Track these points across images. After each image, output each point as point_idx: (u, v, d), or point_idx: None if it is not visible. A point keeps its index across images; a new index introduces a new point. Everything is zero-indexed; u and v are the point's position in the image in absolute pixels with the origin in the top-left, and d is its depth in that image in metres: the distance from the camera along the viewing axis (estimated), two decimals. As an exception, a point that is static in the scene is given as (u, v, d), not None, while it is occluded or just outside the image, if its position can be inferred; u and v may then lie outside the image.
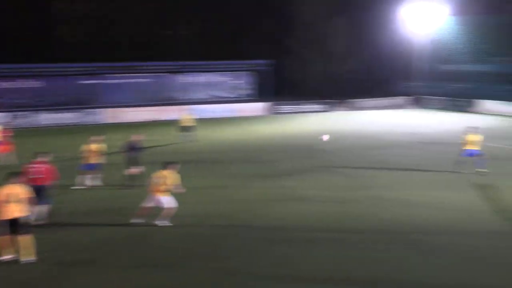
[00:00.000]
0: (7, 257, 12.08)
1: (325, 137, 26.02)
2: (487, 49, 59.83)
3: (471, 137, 21.44)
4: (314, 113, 45.83)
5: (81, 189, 18.97)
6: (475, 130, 21.71)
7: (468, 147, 21.34)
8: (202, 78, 50.49)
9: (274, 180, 20.48)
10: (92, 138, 19.60)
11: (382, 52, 62.96)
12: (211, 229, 14.58)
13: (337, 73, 64.16)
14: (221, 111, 44.00)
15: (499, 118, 41.60)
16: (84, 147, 19.45)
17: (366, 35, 62.20)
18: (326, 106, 47.37)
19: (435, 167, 22.59)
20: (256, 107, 45.79)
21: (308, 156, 25.47)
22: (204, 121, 36.91)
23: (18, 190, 12.12)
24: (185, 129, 30.57)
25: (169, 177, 14.54)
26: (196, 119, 31.75)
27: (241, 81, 51.90)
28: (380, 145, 28.82)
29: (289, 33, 63.93)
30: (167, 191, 14.59)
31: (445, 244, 13.26)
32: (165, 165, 14.82)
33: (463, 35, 57.04)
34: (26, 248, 11.96)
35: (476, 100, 47.31)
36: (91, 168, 19.30)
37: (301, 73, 63.77)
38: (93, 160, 19.23)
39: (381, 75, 65.68)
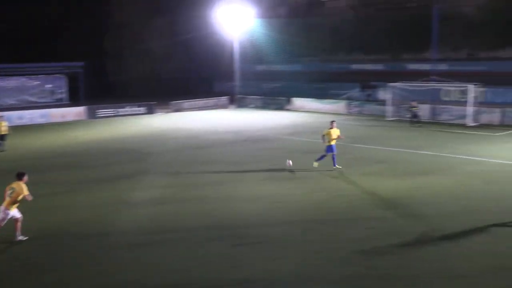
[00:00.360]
0: None
1: (289, 163, 23.23)
2: (295, 50, 64.45)
3: (334, 132, 22.34)
4: (136, 116, 45.51)
5: None
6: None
7: (332, 143, 22.26)
8: (12, 82, 47.21)
9: (103, 185, 20.20)
10: None
11: (201, 53, 64.47)
12: (48, 239, 14.06)
13: (159, 74, 64.30)
14: (35, 117, 41.59)
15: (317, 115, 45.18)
16: None
17: (186, 36, 63.21)
18: (148, 108, 47.20)
19: (258, 163, 24.07)
20: (74, 112, 43.96)
21: (135, 159, 25.48)
22: (17, 129, 34.72)
23: None
24: (-2, 137, 28.51)
25: (18, 188, 13.87)
26: (9, 126, 29.77)
27: (55, 85, 49.50)
28: (204, 144, 29.77)
29: (106, 34, 62.51)
30: (15, 203, 13.91)
31: (273, 236, 14.38)
32: (19, 176, 14.05)
33: (273, 37, 60.76)
34: None
35: (289, 98, 50.77)
36: None
37: (120, 75, 62.73)
38: None
39: (202, 75, 67.24)
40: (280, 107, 50.02)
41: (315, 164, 22.75)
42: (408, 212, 16.18)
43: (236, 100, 54.09)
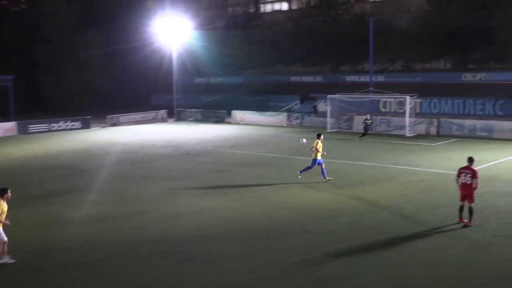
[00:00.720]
0: None
1: (304, 140, 25.48)
2: (235, 62, 64.78)
3: (319, 145, 22.08)
4: (71, 131, 44.38)
5: None
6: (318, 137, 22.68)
7: (319, 156, 22.08)
8: None
9: (38, 202, 19.49)
10: None
11: (139, 65, 63.78)
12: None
13: (95, 87, 63.07)
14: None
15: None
16: None
17: (123, 47, 62.38)
18: (84, 122, 46.12)
19: (198, 177, 23.90)
20: (4, 128, 42.37)
21: (71, 175, 24.77)
22: None
23: None
24: None
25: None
26: None
27: None
28: (143, 159, 29.31)
29: (37, 45, 60.84)
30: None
31: (215, 250, 14.21)
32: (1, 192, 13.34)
33: (212, 49, 60.84)
34: None
35: (229, 111, 50.81)
36: None
37: (54, 88, 61.12)
38: None
39: (140, 88, 66.46)
40: (220, 120, 49.97)
41: (299, 175, 22.77)
42: (349, 223, 16.38)
43: (175, 113, 53.69)
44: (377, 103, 46.29)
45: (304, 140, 25.76)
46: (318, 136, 22.85)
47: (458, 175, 15.88)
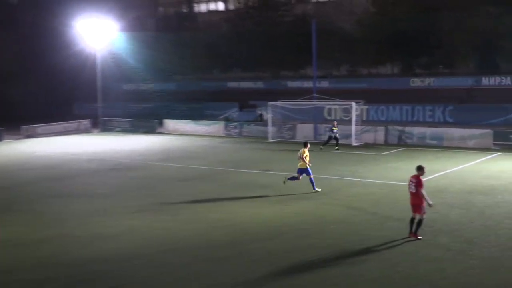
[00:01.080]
0: None
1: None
2: (167, 67, 64.44)
3: (305, 154, 22.68)
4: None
5: None
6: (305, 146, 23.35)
7: (306, 166, 22.61)
8: None
9: None
10: None
11: (59, 71, 62.33)
12: None
13: (7, 96, 61.10)
14: None
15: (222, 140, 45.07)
16: None
17: (38, 52, 60.84)
18: (-5, 134, 44.69)
19: (127, 194, 23.50)
20: None
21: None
22: None
23: None
24: None
25: None
26: None
27: None
28: (65, 175, 28.61)
29: None
30: None
31: (145, 276, 13.97)
32: None
33: (141, 53, 60.26)
34: None
35: (161, 120, 50.39)
36: None
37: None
38: None
39: (60, 96, 64.88)
40: (151, 130, 49.48)
41: (285, 181, 23.52)
42: (293, 240, 16.47)
43: (100, 124, 52.77)
44: (321, 111, 47.01)
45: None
46: (305, 145, 23.45)
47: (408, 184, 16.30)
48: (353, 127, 38.53)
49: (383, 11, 62.36)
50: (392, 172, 27.56)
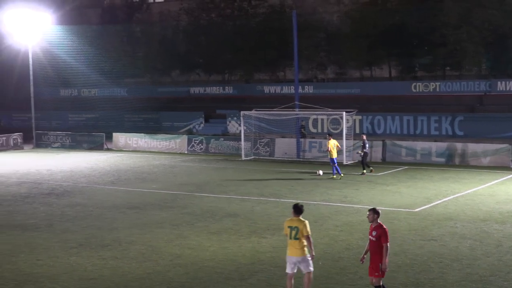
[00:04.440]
0: None
1: (320, 172, 33.75)
2: (115, 68, 64.19)
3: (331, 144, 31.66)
4: None
5: None
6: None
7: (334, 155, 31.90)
8: None
9: None
10: None
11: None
12: None
13: None
14: None
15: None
16: None
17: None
18: None
19: (66, 225, 23.24)
20: None
21: None
22: None
23: None
24: None
25: None
26: None
27: None
28: (-13, 202, 28.28)
29: None
30: None
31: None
32: None
33: (82, 51, 59.88)
34: None
35: (109, 134, 50.07)
36: None
37: None
38: None
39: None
40: (96, 147, 49.17)
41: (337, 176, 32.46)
42: (268, 281, 16.42)
43: (34, 138, 52.27)
44: (305, 122, 47.19)
45: (321, 172, 33.76)
46: (330, 136, 33.68)
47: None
48: (344, 141, 38.63)
49: (377, 1, 62.97)
50: (391, 196, 27.69)
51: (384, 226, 14.27)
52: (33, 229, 22.81)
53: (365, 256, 14.69)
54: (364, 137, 35.59)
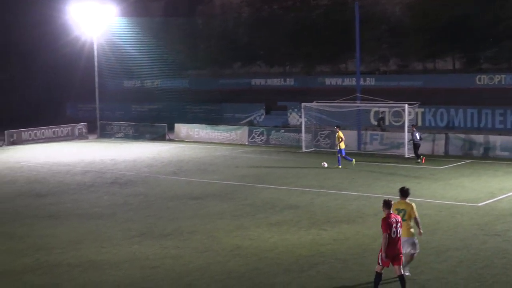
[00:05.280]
0: None
1: (325, 164, 34.15)
2: (177, 60, 64.77)
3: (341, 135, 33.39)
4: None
5: None
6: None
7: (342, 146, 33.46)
8: None
9: None
10: None
11: (47, 66, 62.91)
12: None
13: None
14: None
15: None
16: None
17: (18, 41, 61.36)
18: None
19: (130, 214, 23.61)
20: None
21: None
22: None
23: None
24: None
25: None
26: None
27: None
28: (53, 190, 28.84)
29: None
30: None
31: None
32: None
33: (146, 43, 60.56)
34: None
35: (171, 125, 50.54)
36: None
37: None
38: None
39: (49, 95, 65.51)
40: (158, 137, 49.72)
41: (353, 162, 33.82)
42: (328, 273, 16.37)
43: (98, 128, 53.17)
44: (366, 114, 46.79)
45: (326, 164, 34.07)
46: (338, 128, 35.06)
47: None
48: (406, 134, 38.24)
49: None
50: (453, 190, 27.27)
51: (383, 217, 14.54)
52: (97, 218, 23.24)
53: None
54: (414, 128, 35.94)
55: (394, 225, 14.32)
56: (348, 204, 24.80)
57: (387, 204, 14.76)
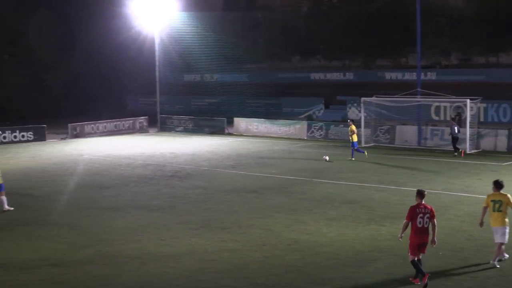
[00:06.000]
0: None
1: (326, 158, 34.95)
2: (236, 54, 64.90)
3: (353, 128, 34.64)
4: (20, 144, 44.43)
5: None
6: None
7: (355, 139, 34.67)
8: None
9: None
10: None
11: (109, 59, 63.74)
12: None
13: (48, 87, 63.19)
14: None
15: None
16: None
17: (83, 36, 62.25)
18: (37, 133, 46.17)
19: (189, 207, 23.84)
20: None
21: (16, 204, 24.64)
22: None
23: None
24: None
25: None
26: None
27: None
28: (114, 183, 29.31)
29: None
30: None
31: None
32: None
33: (206, 37, 60.83)
34: None
35: (230, 118, 50.78)
36: None
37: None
38: None
39: (111, 88, 66.42)
40: (217, 131, 50.02)
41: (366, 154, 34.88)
42: (386, 269, 16.24)
43: (158, 122, 53.76)
44: (427, 109, 46.15)
45: (327, 158, 34.54)
46: (351, 122, 36.17)
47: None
48: (468, 130, 37.62)
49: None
50: (516, 187, 26.70)
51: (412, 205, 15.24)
52: (156, 210, 23.53)
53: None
54: (452, 122, 37.07)
55: (421, 215, 14.85)
56: (407, 200, 24.46)
57: (419, 193, 15.25)
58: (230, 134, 49.24)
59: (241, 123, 50.05)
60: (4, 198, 23.63)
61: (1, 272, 16.68)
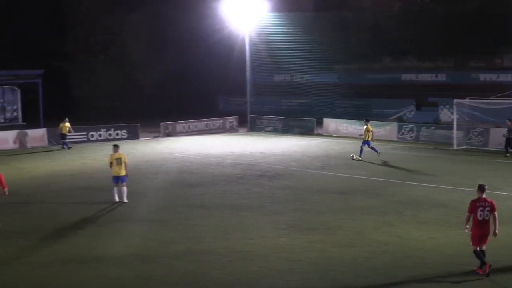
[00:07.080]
0: None
1: (354, 156, 36.03)
2: (326, 55, 64.59)
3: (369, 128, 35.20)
4: (112, 142, 45.45)
5: None
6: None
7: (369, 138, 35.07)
8: None
9: (65, 236, 20.13)
10: None
11: (200, 59, 64.48)
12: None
13: (139, 87, 64.36)
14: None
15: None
16: None
17: (175, 36, 63.15)
18: (131, 131, 47.27)
19: (277, 207, 23.92)
20: (32, 136, 43.93)
21: (110, 200, 25.32)
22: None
23: None
24: None
25: None
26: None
27: (7, 100, 48.65)
28: (204, 181, 29.68)
29: (67, 33, 62.56)
30: None
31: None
32: None
33: (296, 38, 60.83)
34: None
35: (319, 119, 50.64)
36: None
37: (88, 88, 62.63)
38: None
39: (202, 88, 67.22)
40: (307, 131, 49.97)
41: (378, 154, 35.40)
42: (473, 276, 15.88)
43: (248, 122, 54.13)
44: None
45: (354, 156, 35.93)
46: (367, 121, 36.49)
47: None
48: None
49: None
50: None
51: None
52: (245, 209, 23.71)
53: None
54: (509, 122, 36.28)
55: (481, 208, 15.98)
56: (500, 204, 23.72)
57: (480, 188, 16.52)
58: (319, 135, 49.11)
59: (330, 123, 49.86)
60: (124, 189, 24.90)
61: (98, 266, 17.17)
